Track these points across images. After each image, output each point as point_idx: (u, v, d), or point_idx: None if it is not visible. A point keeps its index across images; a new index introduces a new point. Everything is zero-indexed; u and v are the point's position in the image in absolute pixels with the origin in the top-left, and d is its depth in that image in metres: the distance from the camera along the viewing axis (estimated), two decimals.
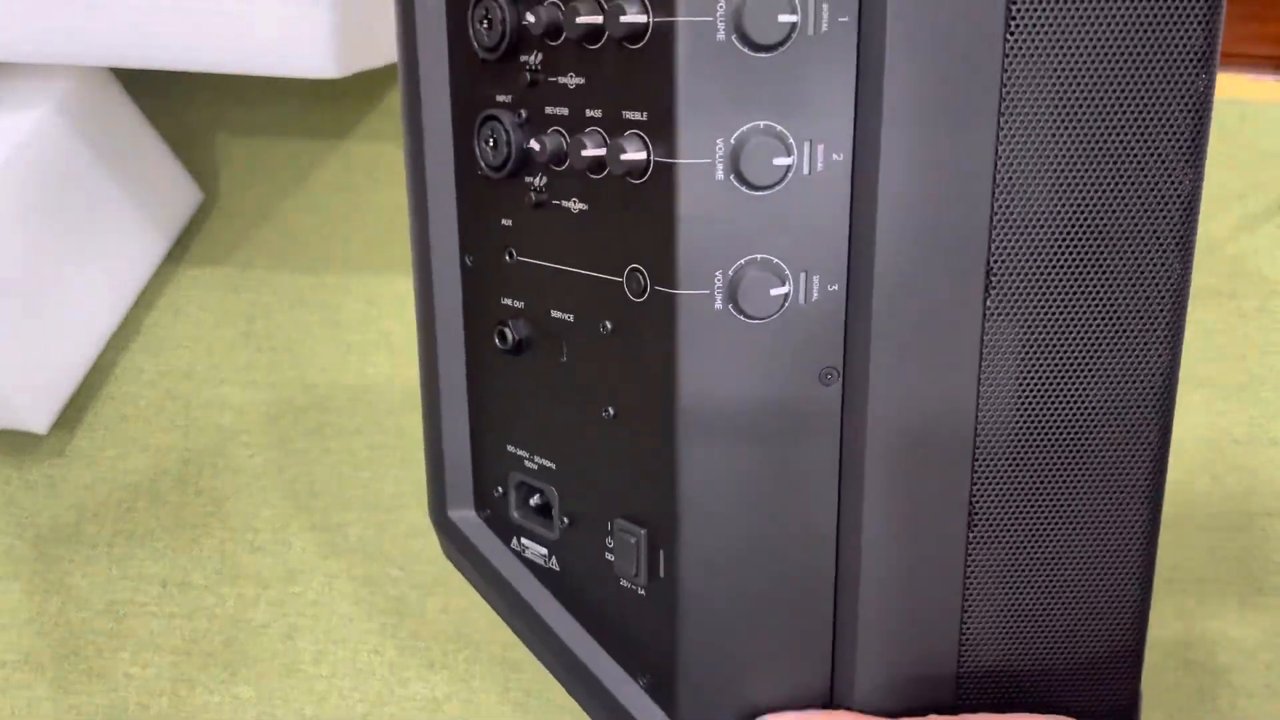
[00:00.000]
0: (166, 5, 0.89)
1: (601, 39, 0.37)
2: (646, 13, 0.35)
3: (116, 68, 1.01)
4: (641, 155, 0.36)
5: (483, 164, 0.43)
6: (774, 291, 0.37)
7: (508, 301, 0.44)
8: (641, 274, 0.38)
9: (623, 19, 0.35)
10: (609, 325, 0.40)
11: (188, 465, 0.96)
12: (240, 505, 0.94)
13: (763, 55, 0.35)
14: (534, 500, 0.47)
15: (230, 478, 0.95)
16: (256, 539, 0.92)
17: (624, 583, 0.43)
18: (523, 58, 0.40)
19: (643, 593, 0.42)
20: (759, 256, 0.37)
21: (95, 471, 0.96)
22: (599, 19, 0.36)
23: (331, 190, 1.10)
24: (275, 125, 1.14)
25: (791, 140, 0.36)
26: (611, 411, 0.41)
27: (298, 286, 1.05)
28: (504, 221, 0.43)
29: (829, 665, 0.43)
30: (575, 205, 0.40)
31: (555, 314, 0.43)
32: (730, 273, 0.37)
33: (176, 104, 1.14)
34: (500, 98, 0.42)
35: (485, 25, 0.41)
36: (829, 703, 0.43)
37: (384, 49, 1.03)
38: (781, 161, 0.36)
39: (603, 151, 0.37)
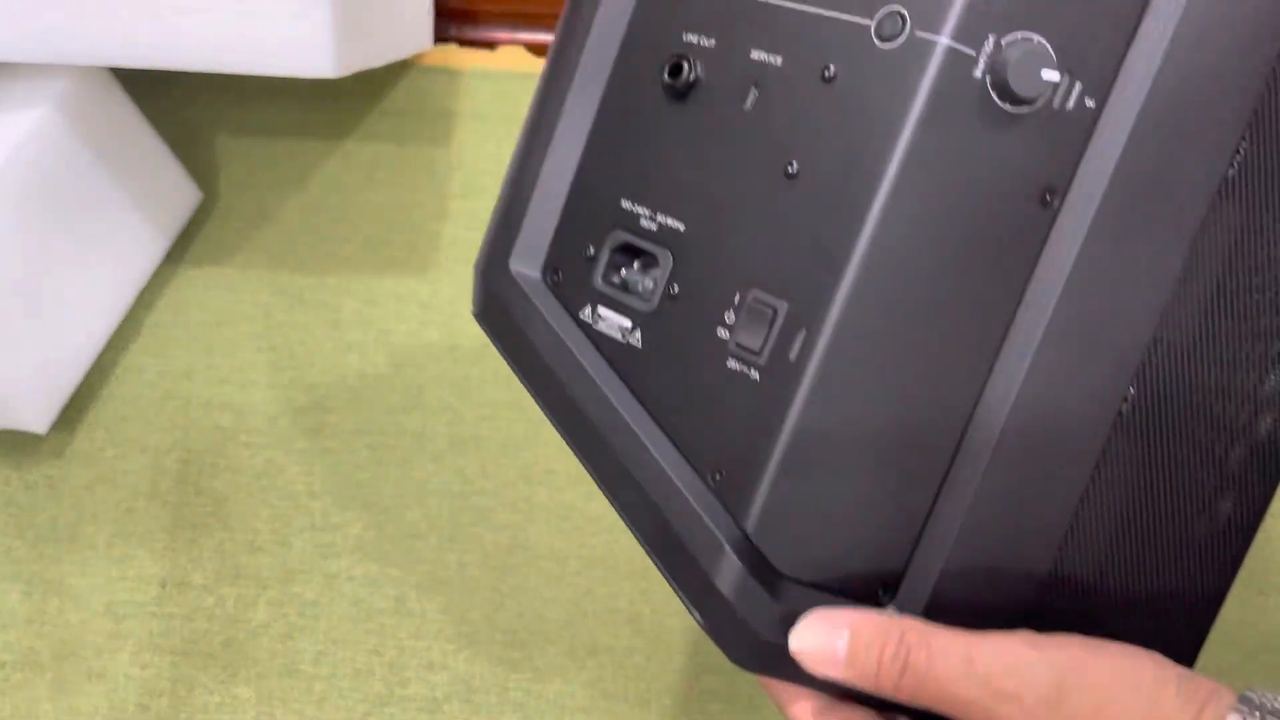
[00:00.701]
0: (166, 5, 0.89)
1: None
2: None
3: (116, 67, 1.00)
4: None
5: None
6: (1046, 75, 0.34)
7: (692, 38, 0.40)
8: (903, 15, 0.34)
9: None
10: (832, 70, 0.36)
11: (187, 465, 0.96)
12: (240, 506, 0.94)
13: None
14: (632, 266, 0.43)
15: (230, 478, 0.95)
16: (256, 539, 0.92)
17: (733, 364, 0.39)
18: None
19: (756, 376, 0.38)
20: (1036, 39, 0.34)
21: (94, 472, 0.96)
22: None
23: (332, 190, 1.10)
24: (275, 125, 1.14)
25: None
26: (795, 167, 0.37)
27: (298, 286, 1.05)
28: None
29: (915, 536, 0.39)
30: None
31: (756, 55, 0.38)
32: (1004, 42, 0.34)
33: (176, 104, 1.14)
34: None
35: None
36: (900, 577, 0.39)
37: (384, 49, 1.03)
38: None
39: None
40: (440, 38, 1.16)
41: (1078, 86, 0.35)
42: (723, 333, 0.39)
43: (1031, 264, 0.36)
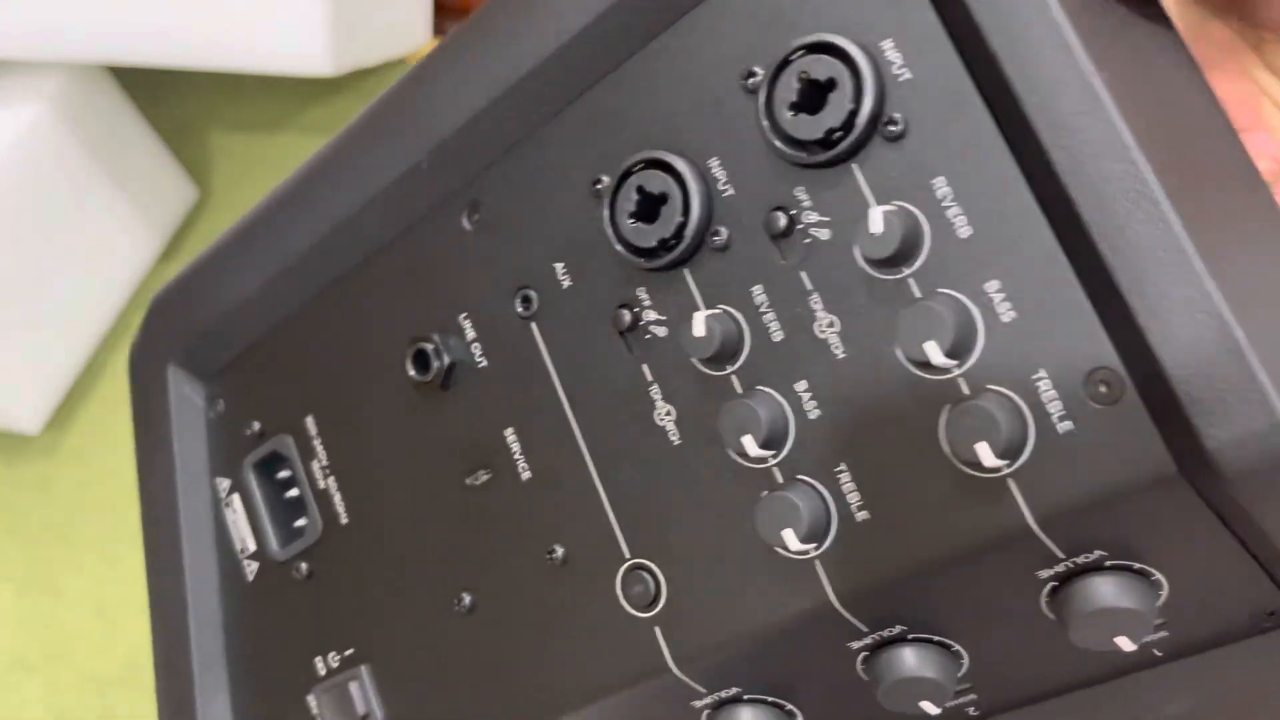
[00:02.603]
0: (161, 2, 0.88)
1: (915, 367, 0.25)
2: (1012, 458, 0.24)
3: (111, 65, 1.00)
4: (805, 547, 0.26)
5: (609, 212, 0.29)
6: None
7: (470, 331, 0.33)
8: (655, 584, 0.29)
9: None
10: (559, 555, 0.31)
11: None
12: None
13: None
14: (282, 494, 0.38)
15: None
16: None
17: (310, 702, 0.36)
18: (806, 207, 0.27)
19: None
20: (786, 706, 0.30)
21: (87, 471, 0.95)
22: (946, 362, 0.24)
23: None
24: (270, 123, 1.13)
25: None
26: (469, 604, 0.33)
27: None
28: (560, 269, 0.31)
29: None
30: (665, 416, 0.29)
31: (510, 439, 0.32)
32: (743, 697, 0.29)
33: (171, 101, 1.13)
34: (719, 175, 0.28)
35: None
36: None
37: (379, 47, 1.03)
38: (927, 707, 0.27)
39: (755, 452, 0.27)
40: (438, 34, 1.16)
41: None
42: (319, 666, 0.35)
43: None
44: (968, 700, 0.29)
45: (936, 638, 0.27)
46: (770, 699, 0.29)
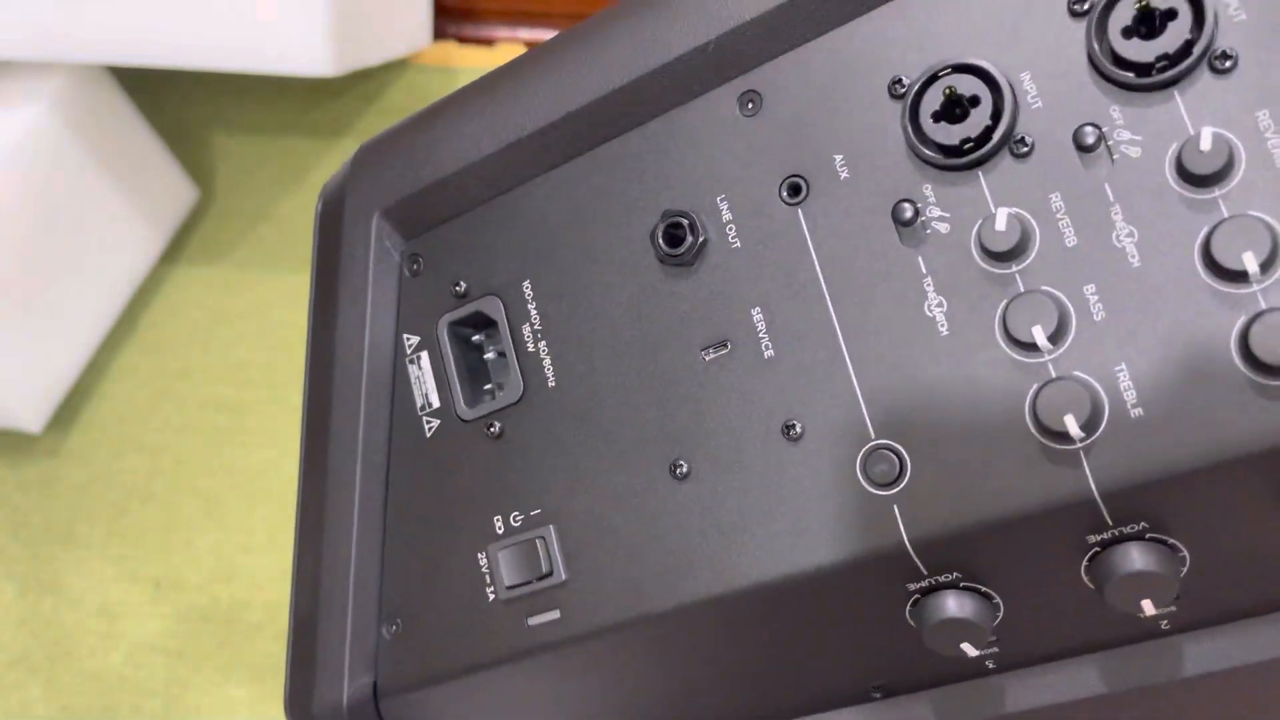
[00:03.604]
0: (163, 3, 0.89)
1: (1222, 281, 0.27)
2: None
3: (112, 65, 1.00)
4: (1082, 434, 0.28)
5: (910, 108, 0.30)
6: (965, 647, 0.31)
7: (727, 212, 0.33)
8: (899, 463, 0.30)
9: None
10: (799, 430, 0.32)
11: (182, 465, 0.95)
12: (235, 506, 0.94)
13: None
14: (485, 353, 0.39)
15: (225, 478, 0.95)
16: (251, 540, 0.92)
17: (481, 560, 0.36)
18: (1118, 123, 0.29)
19: (489, 596, 0.36)
20: (995, 598, 0.31)
21: (89, 471, 0.95)
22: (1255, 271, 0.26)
23: None
24: (272, 124, 1.14)
25: None
26: (685, 470, 0.33)
27: (294, 285, 1.05)
28: (839, 159, 0.32)
29: None
30: (935, 308, 0.30)
31: (756, 318, 0.33)
32: (962, 584, 0.31)
33: (173, 102, 1.13)
34: (1027, 87, 0.30)
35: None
36: None
37: (380, 48, 1.03)
38: None
39: (1040, 341, 0.28)
40: (438, 35, 1.16)
41: None
42: (498, 525, 0.36)
43: None
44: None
45: (1167, 538, 0.28)
46: (981, 588, 0.30)
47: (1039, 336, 0.28)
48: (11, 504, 0.94)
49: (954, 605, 0.30)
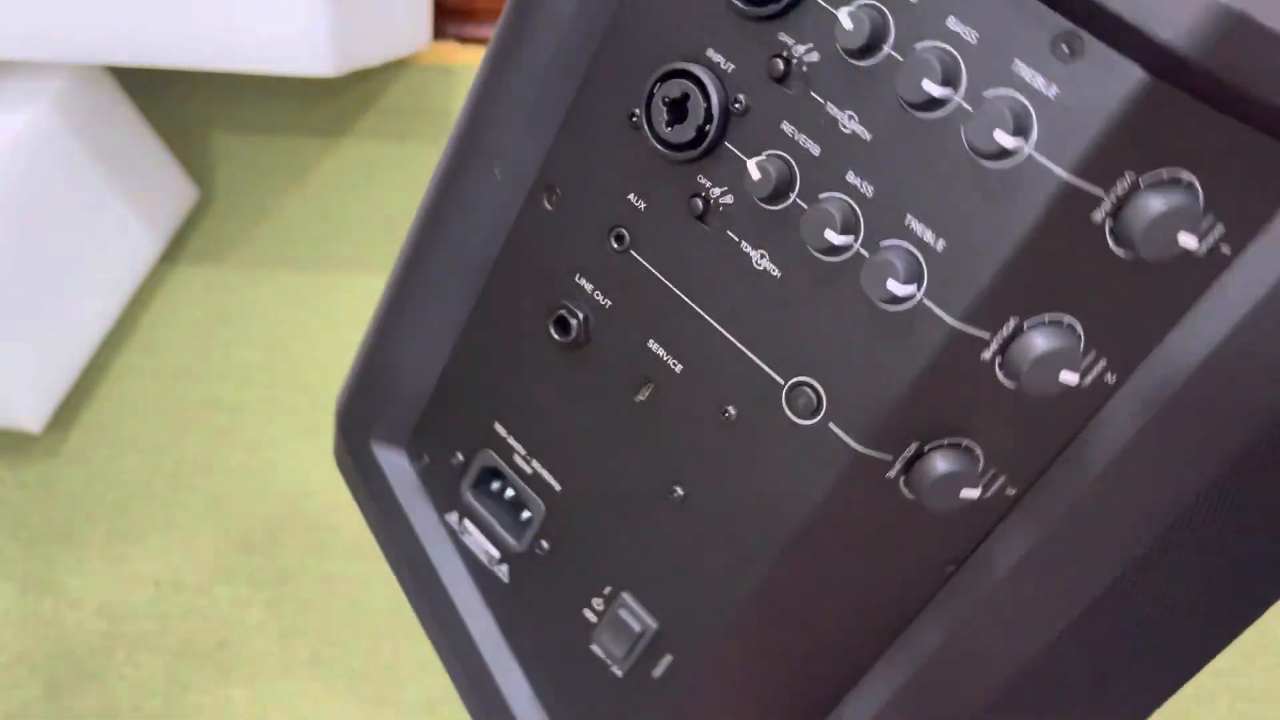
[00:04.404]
0: (163, 3, 0.89)
1: (923, 112, 0.29)
2: (1024, 134, 0.28)
3: (112, 65, 1.00)
4: (910, 289, 0.30)
5: (648, 128, 0.34)
6: (965, 493, 0.32)
7: (585, 285, 0.37)
8: (814, 392, 0.33)
9: (994, 133, 0.28)
10: (733, 413, 0.34)
11: (182, 465, 0.95)
12: (235, 506, 0.94)
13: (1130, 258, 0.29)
14: (502, 496, 0.42)
15: (225, 478, 0.95)
16: (251, 540, 0.92)
17: (597, 650, 0.40)
18: (792, 45, 0.31)
19: (618, 673, 0.39)
20: (964, 443, 0.32)
21: (89, 471, 0.95)
22: (945, 92, 0.29)
23: (328, 189, 1.10)
24: (272, 124, 1.14)
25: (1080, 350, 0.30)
26: (681, 494, 0.36)
27: (294, 285, 1.05)
28: (633, 199, 0.36)
29: None
30: (761, 260, 0.33)
31: (654, 348, 0.36)
32: (925, 449, 0.32)
33: (173, 102, 1.13)
34: (716, 59, 0.33)
35: None
36: None
37: (379, 48, 1.03)
38: (1067, 377, 0.30)
39: (840, 240, 0.31)
40: (438, 35, 1.16)
41: (997, 484, 0.33)
42: (590, 616, 0.40)
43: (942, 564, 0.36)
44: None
45: (1054, 316, 0.31)
46: (946, 441, 0.33)
47: (832, 237, 0.31)
48: (11, 504, 0.94)
49: (937, 465, 0.32)
